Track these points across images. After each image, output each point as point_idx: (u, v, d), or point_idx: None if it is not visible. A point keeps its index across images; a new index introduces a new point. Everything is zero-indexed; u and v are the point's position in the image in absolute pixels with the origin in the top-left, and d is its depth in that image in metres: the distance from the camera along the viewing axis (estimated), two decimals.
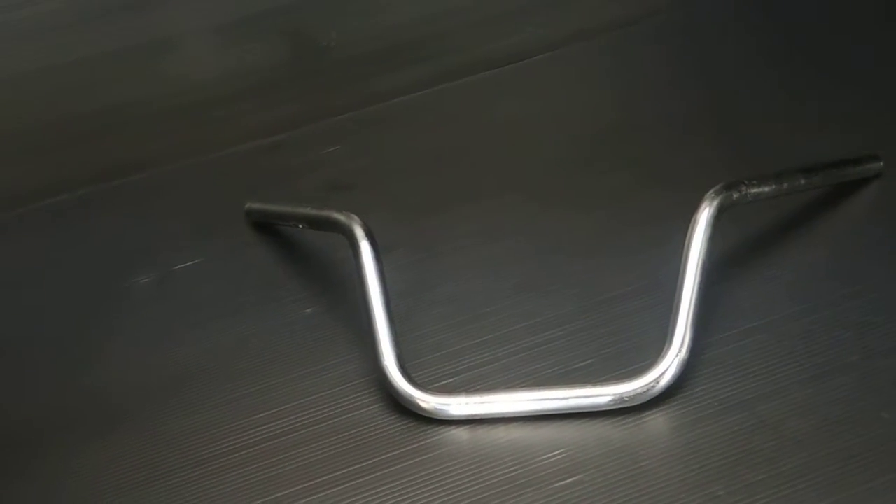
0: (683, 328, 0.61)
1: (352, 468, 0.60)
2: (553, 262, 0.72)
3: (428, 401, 0.61)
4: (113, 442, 0.65)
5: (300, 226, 0.75)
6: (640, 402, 0.60)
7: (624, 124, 0.86)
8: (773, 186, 0.67)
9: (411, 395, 0.62)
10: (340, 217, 0.69)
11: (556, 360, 0.65)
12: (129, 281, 0.77)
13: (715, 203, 0.64)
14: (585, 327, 0.67)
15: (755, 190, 0.66)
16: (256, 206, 0.80)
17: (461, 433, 0.61)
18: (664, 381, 0.60)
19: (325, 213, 0.71)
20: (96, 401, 0.68)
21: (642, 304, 0.67)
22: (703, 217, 0.64)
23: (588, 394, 0.60)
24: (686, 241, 0.63)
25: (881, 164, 0.74)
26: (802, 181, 0.69)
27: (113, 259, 0.81)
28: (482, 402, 0.61)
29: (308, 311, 0.72)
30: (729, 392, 0.60)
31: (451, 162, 0.85)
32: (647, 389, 0.60)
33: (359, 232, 0.67)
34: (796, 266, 0.68)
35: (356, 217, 0.69)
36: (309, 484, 0.60)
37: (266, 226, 0.80)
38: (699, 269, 0.62)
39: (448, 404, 0.61)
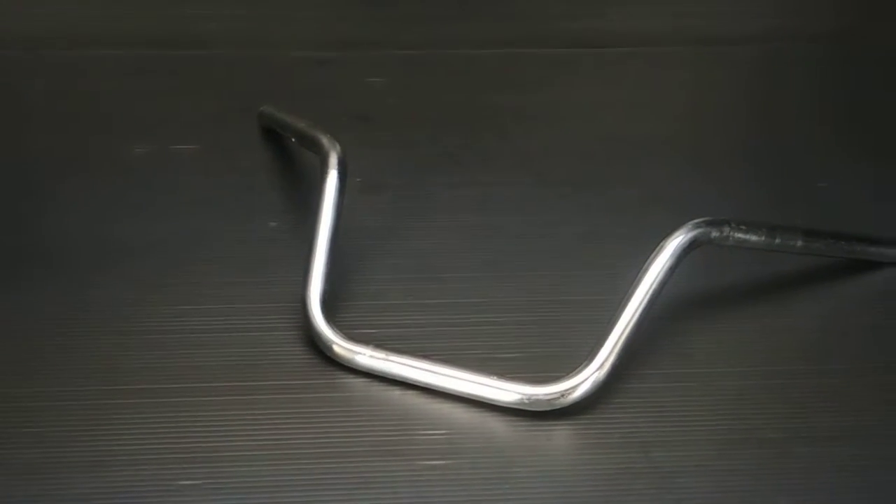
0: (609, 349, 0.57)
1: (238, 384, 0.58)
2: (530, 251, 0.69)
3: (334, 341, 0.59)
4: (37, 294, 0.64)
5: (293, 139, 0.74)
6: (539, 410, 0.57)
7: (686, 140, 0.82)
8: (763, 238, 0.63)
9: (320, 332, 0.60)
10: (323, 140, 0.67)
11: (485, 344, 0.62)
12: (127, 146, 0.77)
13: (689, 235, 0.60)
14: (528, 322, 0.64)
15: (740, 235, 0.62)
16: (268, 110, 0.79)
17: (357, 383, 0.59)
18: (571, 397, 0.57)
19: (313, 132, 0.69)
20: (43, 249, 0.68)
21: (594, 317, 0.62)
22: (671, 245, 0.59)
23: (492, 385, 0.57)
24: (644, 264, 0.59)
25: None
26: (800, 243, 0.65)
27: (124, 122, 0.81)
28: (385, 360, 0.59)
29: (273, 224, 0.71)
30: (634, 428, 0.57)
31: (482, 126, 0.82)
32: (551, 399, 0.57)
33: (332, 159, 0.65)
34: (762, 327, 0.64)
35: (338, 145, 0.67)
36: (192, 385, 0.58)
37: (273, 132, 0.79)
38: (648, 294, 0.59)
39: (351, 351, 0.59)
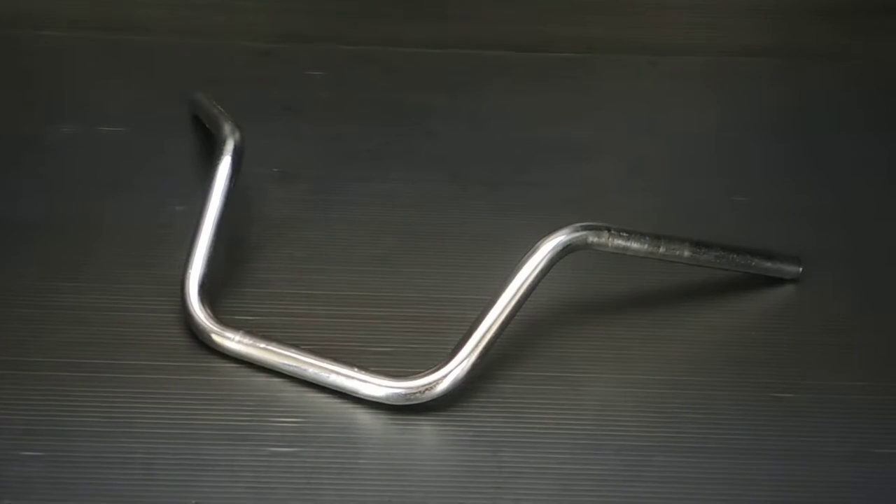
0: (471, 348, 0.57)
1: (104, 361, 0.59)
2: (427, 248, 0.69)
3: (204, 324, 0.60)
4: None
5: (207, 125, 0.74)
6: (398, 404, 0.57)
7: (615, 148, 0.80)
8: (646, 247, 0.62)
9: (193, 315, 0.60)
10: (225, 126, 0.68)
11: (360, 337, 0.62)
12: (54, 125, 0.78)
13: (564, 238, 0.59)
14: (408, 318, 0.64)
15: (620, 242, 0.61)
16: (198, 98, 0.79)
17: (225, 367, 0.60)
18: (429, 392, 0.57)
19: (219, 118, 0.69)
20: None
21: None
22: (545, 246, 0.59)
23: (352, 376, 0.57)
24: (517, 263, 0.59)
25: (800, 270, 0.68)
26: (687, 253, 0.64)
27: (56, 101, 0.81)
28: (252, 346, 0.59)
29: (179, 208, 0.71)
30: (489, 427, 0.57)
31: (410, 124, 0.82)
32: (408, 394, 0.57)
33: (227, 145, 0.66)
34: (646, 336, 0.63)
35: (238, 133, 0.67)
36: (57, 360, 0.59)
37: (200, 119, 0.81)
38: (517, 295, 0.58)
39: (221, 335, 0.59)
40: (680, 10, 0.95)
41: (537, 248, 0.60)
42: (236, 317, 0.62)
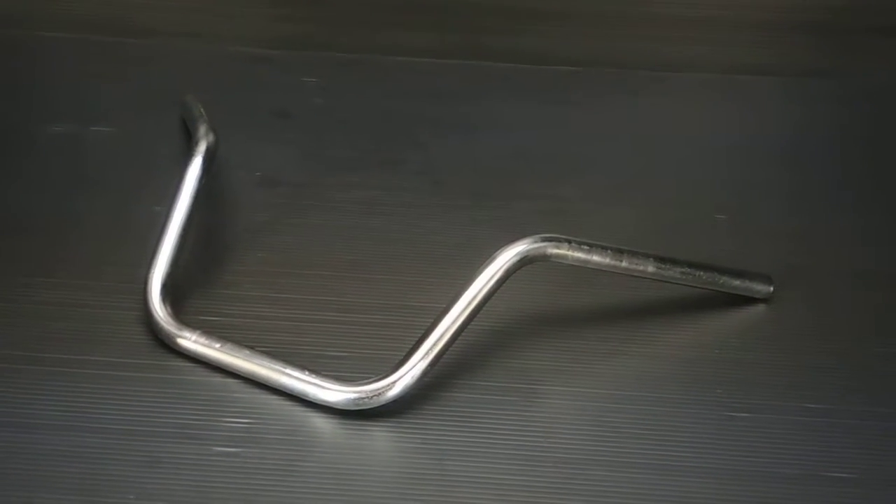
0: (421, 356, 0.57)
1: (63, 356, 0.60)
2: (400, 255, 0.69)
3: (163, 323, 0.60)
4: None
5: (189, 127, 0.75)
6: (347, 409, 0.57)
7: (600, 163, 0.80)
8: (608, 260, 0.62)
9: (153, 313, 0.61)
10: (200, 128, 0.69)
11: (320, 341, 0.62)
12: (46, 124, 0.79)
13: (525, 248, 0.59)
14: (371, 324, 0.64)
15: (580, 255, 0.61)
16: (189, 100, 0.80)
17: (182, 367, 0.60)
18: (378, 398, 0.57)
19: (198, 120, 0.71)
20: None
21: None
22: (504, 255, 0.59)
23: (303, 379, 0.58)
24: (474, 272, 0.59)
25: (770, 289, 0.67)
26: (651, 269, 0.63)
27: (49, 101, 0.83)
28: (207, 346, 0.60)
29: (157, 208, 0.71)
30: (438, 435, 0.57)
31: (397, 132, 0.82)
32: (358, 399, 0.57)
33: (199, 147, 0.67)
34: (607, 350, 0.62)
35: (212, 134, 0.68)
36: (17, 354, 0.60)
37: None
38: (471, 304, 0.58)
39: (177, 335, 0.60)
40: (682, 25, 0.96)
41: (494, 257, 0.60)
42: (201, 317, 0.63)
